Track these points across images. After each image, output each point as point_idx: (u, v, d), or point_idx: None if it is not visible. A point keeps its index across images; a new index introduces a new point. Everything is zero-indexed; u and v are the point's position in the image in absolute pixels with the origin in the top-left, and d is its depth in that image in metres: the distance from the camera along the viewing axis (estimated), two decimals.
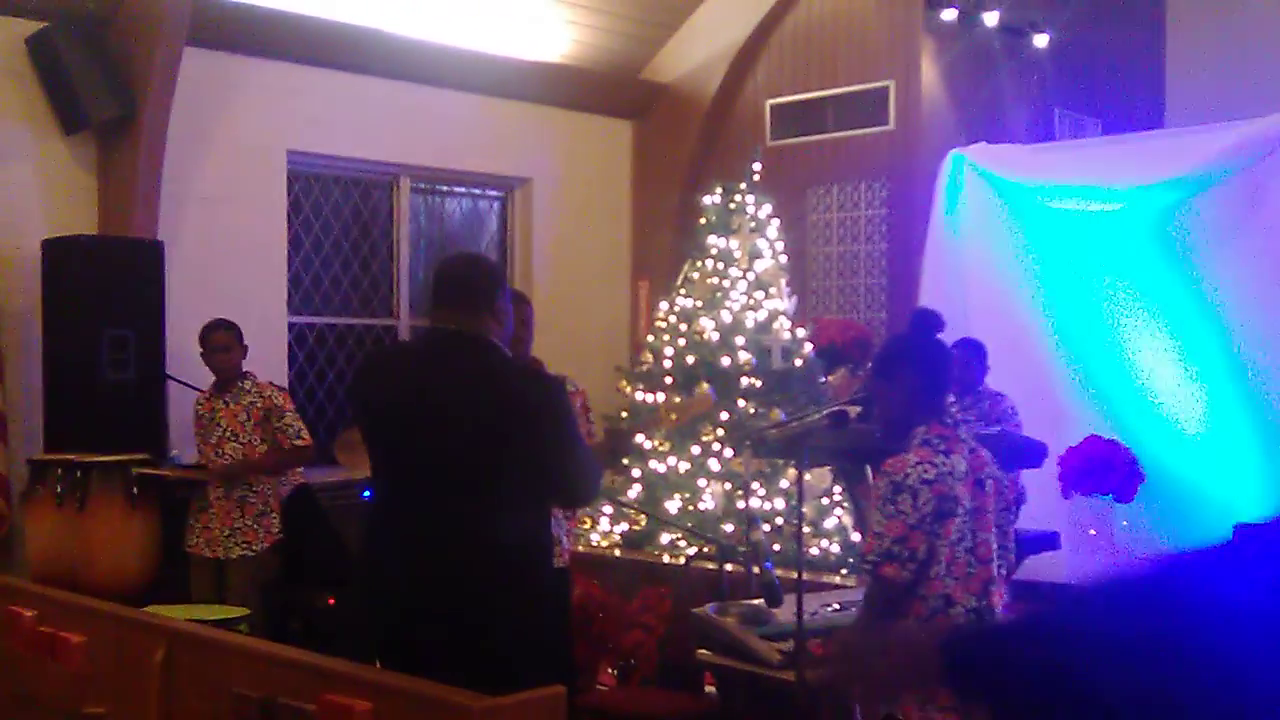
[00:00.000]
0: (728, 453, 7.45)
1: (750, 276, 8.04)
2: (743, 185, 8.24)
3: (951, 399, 6.75)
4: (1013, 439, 6.33)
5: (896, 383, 3.71)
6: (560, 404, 3.59)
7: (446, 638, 3.46)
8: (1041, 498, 7.08)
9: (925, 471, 3.49)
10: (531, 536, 3.60)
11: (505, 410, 3.49)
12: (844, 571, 6.74)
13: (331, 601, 6.31)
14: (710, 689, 5.34)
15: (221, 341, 6.33)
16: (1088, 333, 8.37)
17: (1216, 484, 7.83)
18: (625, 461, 7.58)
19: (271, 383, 6.59)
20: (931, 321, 3.81)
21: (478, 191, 10.04)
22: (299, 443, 6.31)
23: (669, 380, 7.89)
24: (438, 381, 3.59)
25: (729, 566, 5.28)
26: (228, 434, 6.29)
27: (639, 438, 7.42)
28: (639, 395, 7.98)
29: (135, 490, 6.33)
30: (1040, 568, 6.89)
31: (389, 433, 3.68)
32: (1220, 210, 7.88)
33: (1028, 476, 6.70)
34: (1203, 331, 7.91)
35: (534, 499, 3.59)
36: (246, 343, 6.50)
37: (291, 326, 8.70)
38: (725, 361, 7.73)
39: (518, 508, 3.51)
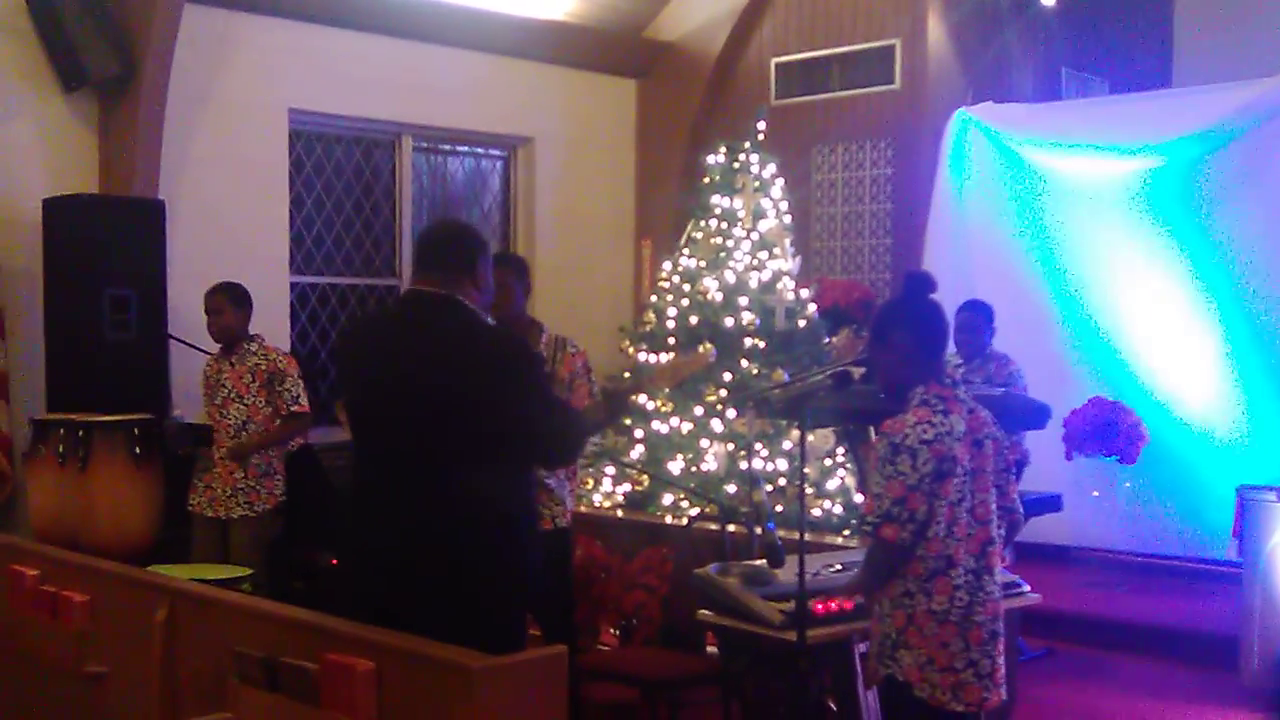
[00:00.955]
0: (730, 413, 7.43)
1: (754, 236, 8.00)
2: (747, 144, 8.19)
3: (959, 361, 6.77)
4: (1016, 400, 6.31)
5: (892, 347, 3.69)
6: (528, 362, 3.61)
7: (426, 599, 3.48)
8: (1045, 460, 7.08)
9: (924, 432, 3.48)
10: (507, 496, 3.60)
11: (471, 369, 3.50)
12: (846, 533, 6.74)
13: (334, 561, 6.31)
14: (712, 649, 5.35)
15: (213, 304, 6.31)
16: (1093, 293, 8.35)
17: (1221, 446, 7.83)
18: (627, 422, 7.56)
19: (279, 348, 6.57)
20: (923, 283, 3.79)
21: (480, 151, 9.99)
22: (295, 409, 6.29)
23: (672, 340, 7.87)
24: (407, 344, 3.62)
25: (731, 527, 5.28)
26: (232, 395, 6.28)
27: (641, 398, 7.41)
28: (642, 356, 7.96)
29: (138, 450, 6.32)
30: (1043, 530, 6.91)
31: (365, 397, 3.73)
32: (1229, 169, 7.85)
33: (1031, 438, 6.70)
34: (1209, 291, 7.88)
35: (507, 459, 3.57)
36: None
37: (293, 286, 8.68)
38: (729, 322, 7.70)
39: (490, 467, 3.51)
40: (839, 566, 4.61)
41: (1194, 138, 7.92)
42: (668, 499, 7.37)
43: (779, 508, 6.73)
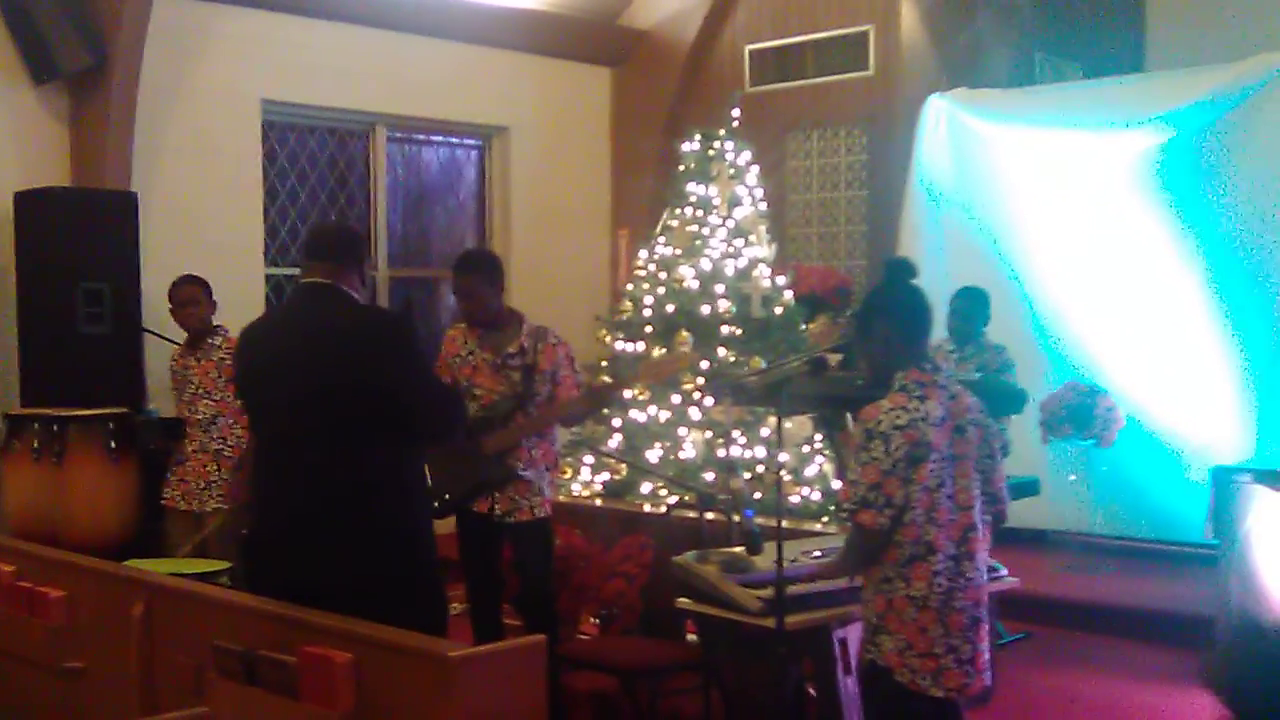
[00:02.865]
0: (708, 401, 7.44)
1: (730, 224, 8.00)
2: (722, 132, 8.18)
3: (952, 347, 6.78)
4: (992, 385, 6.33)
5: (874, 334, 3.70)
6: (400, 339, 3.77)
7: (326, 577, 3.61)
8: (1022, 444, 7.10)
9: (897, 417, 3.49)
10: (388, 472, 3.75)
11: (344, 349, 3.69)
12: (824, 519, 6.76)
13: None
14: (692, 637, 5.36)
15: (187, 295, 6.27)
16: (1069, 275, 8.37)
17: (1196, 428, 7.86)
18: (605, 411, 7.56)
19: None
20: (903, 269, 3.80)
21: (455, 140, 9.96)
22: None
23: (649, 329, 7.86)
24: (288, 331, 3.86)
25: (709, 515, 5.29)
26: (200, 391, 6.26)
27: (620, 390, 7.40)
28: (618, 345, 7.95)
29: (113, 444, 6.29)
30: (1020, 514, 6.92)
31: (258, 384, 3.93)
32: (1200, 153, 7.87)
33: (1008, 423, 6.71)
34: (1195, 267, 7.89)
35: (385, 435, 3.72)
36: (223, 295, 6.44)
37: (268, 278, 8.64)
38: (705, 310, 7.70)
39: (368, 445, 3.69)
40: (818, 553, 4.62)
41: (1164, 121, 7.94)
42: (646, 487, 7.38)
43: (757, 495, 6.74)
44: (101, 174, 7.38)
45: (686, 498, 5.74)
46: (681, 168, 8.26)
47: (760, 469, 7.19)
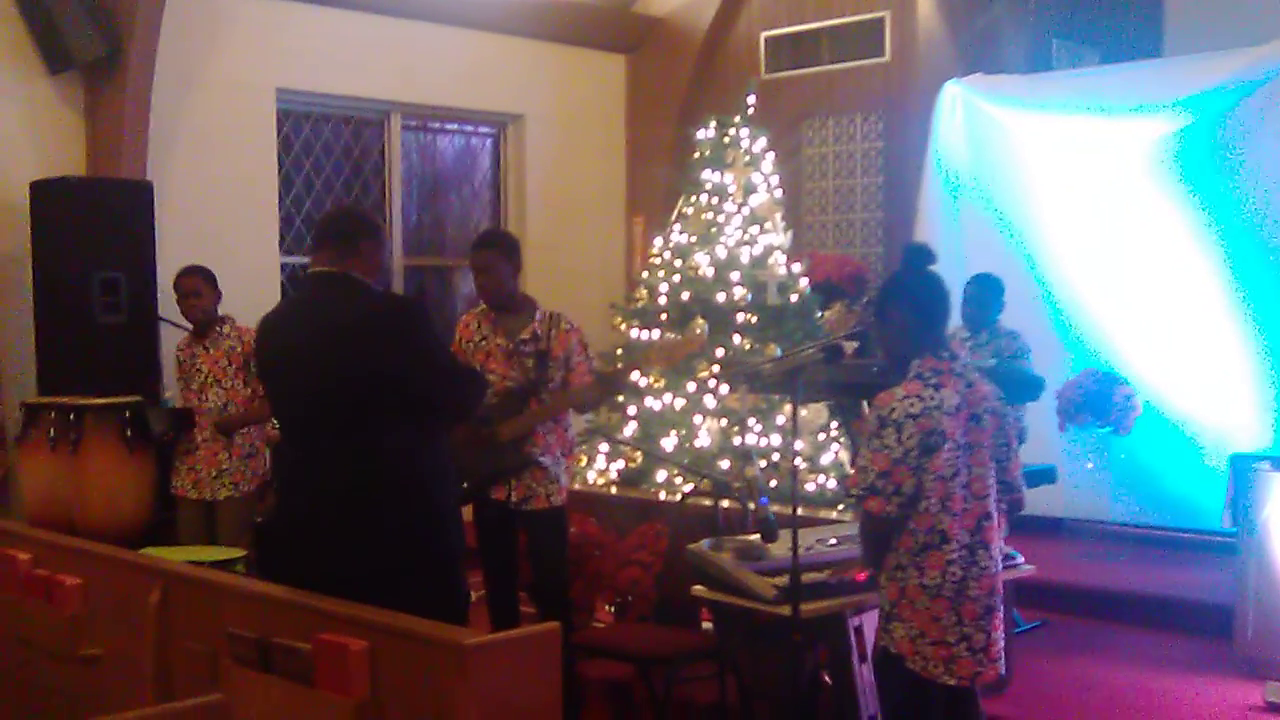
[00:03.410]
0: (723, 389, 7.42)
1: (745, 211, 7.98)
2: (737, 119, 8.16)
3: (966, 334, 6.76)
4: (1009, 372, 6.31)
5: (891, 320, 3.69)
6: (412, 320, 3.79)
7: (351, 562, 3.65)
8: (1039, 431, 7.08)
9: (911, 406, 3.48)
10: (409, 461, 3.76)
11: (357, 338, 3.70)
12: (840, 507, 6.75)
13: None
14: (707, 625, 5.35)
15: (189, 286, 6.29)
16: (1086, 262, 8.33)
17: (1214, 415, 7.82)
18: (620, 399, 7.55)
19: (251, 329, 6.53)
20: (922, 255, 3.77)
21: (470, 128, 9.95)
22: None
23: (664, 317, 7.85)
24: (305, 322, 3.87)
25: (725, 503, 5.28)
26: (210, 379, 6.27)
27: (633, 375, 7.40)
28: (633, 332, 7.95)
29: (129, 433, 6.30)
30: (1037, 501, 6.90)
31: (277, 374, 3.97)
32: (1216, 138, 7.83)
33: (1025, 410, 6.69)
34: (1215, 253, 7.85)
35: (405, 422, 3.73)
36: (238, 284, 6.45)
37: (284, 267, 8.65)
38: (720, 297, 7.69)
39: (387, 433, 3.70)
40: (833, 541, 4.61)
41: (1189, 100, 7.90)
42: (661, 475, 7.37)
43: (773, 483, 6.74)
44: (117, 163, 7.40)
45: (701, 485, 5.73)
46: (697, 155, 8.24)
47: (775, 457, 7.19)
